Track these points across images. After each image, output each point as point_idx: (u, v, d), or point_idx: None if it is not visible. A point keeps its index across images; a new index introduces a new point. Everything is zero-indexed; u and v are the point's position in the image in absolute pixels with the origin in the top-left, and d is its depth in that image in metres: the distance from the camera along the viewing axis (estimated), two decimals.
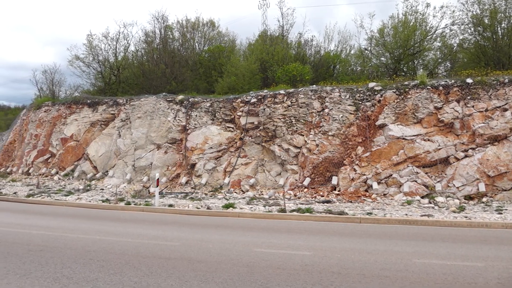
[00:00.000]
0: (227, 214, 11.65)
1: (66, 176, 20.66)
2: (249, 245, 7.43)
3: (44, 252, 6.73)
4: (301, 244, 7.58)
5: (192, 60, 30.28)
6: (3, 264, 5.92)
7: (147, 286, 4.98)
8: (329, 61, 26.83)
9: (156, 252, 6.79)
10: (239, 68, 24.52)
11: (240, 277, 5.36)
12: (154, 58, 29.67)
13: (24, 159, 23.83)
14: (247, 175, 16.37)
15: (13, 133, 27.15)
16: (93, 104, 22.99)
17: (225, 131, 18.08)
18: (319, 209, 11.76)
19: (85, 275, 5.42)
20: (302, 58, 26.09)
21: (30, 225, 9.56)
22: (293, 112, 16.76)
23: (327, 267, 5.91)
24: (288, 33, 28.55)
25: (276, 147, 16.44)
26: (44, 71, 35.83)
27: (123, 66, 31.10)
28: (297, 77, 21.99)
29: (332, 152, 15.33)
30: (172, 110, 19.76)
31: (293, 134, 16.36)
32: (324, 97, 16.70)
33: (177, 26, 31.52)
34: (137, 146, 19.47)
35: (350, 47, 28.30)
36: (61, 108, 24.16)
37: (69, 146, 21.91)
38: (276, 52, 24.77)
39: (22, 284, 5.01)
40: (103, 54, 31.11)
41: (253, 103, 17.83)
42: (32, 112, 25.92)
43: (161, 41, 30.40)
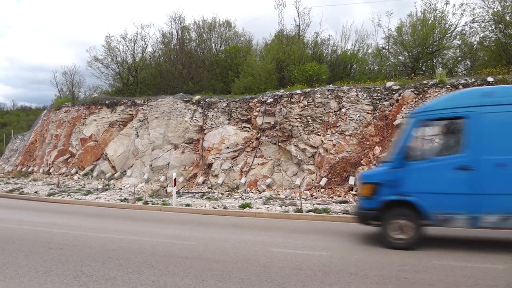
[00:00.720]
0: (244, 214, 11.66)
1: (86, 176, 21.00)
2: (266, 245, 7.43)
3: (65, 250, 6.86)
4: (318, 244, 7.54)
5: (209, 61, 30.44)
6: (25, 261, 6.05)
7: (164, 285, 5.02)
8: (346, 61, 26.64)
9: (174, 251, 6.85)
10: (256, 68, 24.55)
11: (257, 277, 5.36)
12: (171, 59, 29.95)
13: (45, 158, 24.31)
14: (263, 175, 16.37)
15: (34, 133, 27.73)
16: (112, 105, 23.31)
17: (242, 131, 18.12)
18: (336, 210, 11.68)
19: (104, 273, 5.49)
20: (318, 57, 25.98)
21: (51, 224, 9.74)
22: (309, 112, 16.69)
23: (345, 267, 5.87)
24: (305, 32, 28.49)
25: (293, 147, 16.40)
26: (64, 73, 36.58)
27: (141, 67, 31.47)
28: (313, 77, 21.90)
29: (349, 152, 15.21)
30: (189, 110, 19.89)
31: (310, 134, 16.29)
32: (341, 96, 16.59)
33: (194, 27, 31.76)
34: (154, 146, 19.67)
35: (367, 46, 28.08)
36: (80, 108, 24.58)
37: (88, 146, 22.27)
38: (292, 52, 24.72)
39: (43, 281, 5.11)
40: (121, 55, 31.56)
41: (270, 103, 17.81)
42: (53, 113, 26.43)
43: (178, 42, 30.66)
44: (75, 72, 36.03)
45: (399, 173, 7.34)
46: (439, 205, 7.04)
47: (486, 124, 7.04)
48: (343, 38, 28.48)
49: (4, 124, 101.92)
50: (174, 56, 30.13)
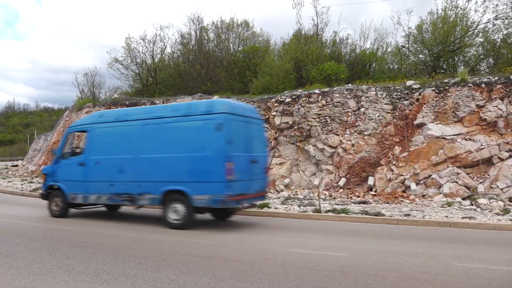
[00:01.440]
0: (262, 213, 11.67)
1: None
2: (284, 245, 7.42)
3: (86, 248, 6.99)
4: (336, 245, 7.50)
5: (227, 61, 30.57)
6: (48, 259, 6.19)
7: (183, 283, 5.06)
8: (365, 60, 26.40)
9: (192, 251, 6.90)
10: (274, 68, 24.53)
11: (275, 277, 5.36)
12: (189, 59, 30.20)
13: None
14: (281, 175, 16.35)
15: (57, 133, 28.34)
16: (131, 105, 23.62)
17: None
18: (354, 210, 11.58)
19: (125, 271, 5.58)
20: (337, 57, 25.80)
21: (73, 222, 9.94)
22: (328, 112, 16.59)
23: (364, 268, 5.82)
24: (323, 31, 28.34)
25: (311, 147, 16.33)
26: (85, 74, 37.30)
27: (160, 67, 31.82)
28: (332, 76, 21.76)
29: (368, 152, 15.06)
30: None
31: (328, 134, 16.20)
32: (360, 96, 16.44)
33: (212, 27, 31.95)
34: None
35: (386, 44, 27.76)
36: (101, 109, 24.96)
37: None
38: (310, 51, 24.61)
39: (66, 279, 5.22)
40: (141, 56, 31.99)
41: (288, 103, 17.78)
42: (74, 113, 26.97)
43: (196, 43, 30.90)
44: (96, 74, 36.69)
45: (55, 167, 11.15)
46: (71, 188, 10.52)
47: (95, 135, 10.49)
48: (362, 37, 28.21)
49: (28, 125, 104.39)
50: (192, 56, 30.38)
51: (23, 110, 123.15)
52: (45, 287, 4.90)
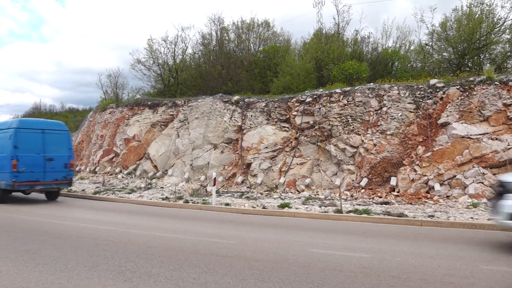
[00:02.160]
0: (283, 213, 11.65)
1: (129, 175, 21.68)
2: (305, 245, 7.39)
3: (110, 246, 7.11)
4: (358, 246, 7.42)
5: (248, 61, 30.61)
6: (74, 256, 6.33)
7: (205, 282, 5.10)
8: (387, 58, 26.01)
9: (214, 250, 6.94)
10: (294, 67, 24.44)
11: (296, 277, 5.34)
12: (210, 60, 30.36)
13: (91, 158, 25.33)
14: (302, 175, 16.28)
15: (81, 134, 28.94)
16: (154, 106, 23.93)
17: (280, 131, 18.10)
18: (377, 211, 11.44)
19: (147, 269, 5.65)
20: (358, 55, 25.51)
21: (97, 221, 10.14)
22: (349, 111, 16.44)
23: (386, 270, 5.74)
24: (344, 30, 28.04)
25: (332, 146, 16.21)
26: (109, 75, 37.79)
27: (181, 68, 32.08)
28: (353, 75, 21.53)
29: (390, 152, 14.85)
30: (228, 110, 20.10)
31: (350, 134, 16.04)
32: (382, 95, 16.22)
33: (233, 28, 32.01)
34: (194, 146, 20.02)
35: (409, 42, 27.26)
36: (124, 110, 25.40)
37: (132, 146, 22.98)
38: (331, 51, 24.41)
39: (91, 276, 5.33)
40: (163, 57, 32.29)
41: (308, 103, 17.69)
42: (98, 114, 27.48)
43: (217, 43, 31.03)
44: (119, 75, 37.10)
45: None
46: None
47: None
48: (384, 35, 27.73)
49: None
50: (213, 57, 30.53)
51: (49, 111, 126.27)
52: (71, 284, 5.01)
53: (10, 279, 5.20)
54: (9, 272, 5.47)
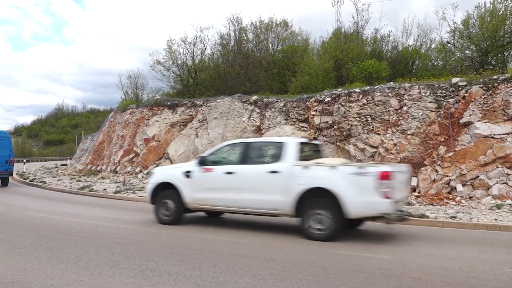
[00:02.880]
0: None
1: (149, 174, 21.91)
2: (323, 245, 7.33)
3: (130, 245, 7.21)
4: (378, 247, 7.34)
5: (266, 61, 30.62)
6: (95, 255, 6.44)
7: (224, 282, 5.12)
8: (407, 57, 25.66)
9: (232, 249, 6.97)
10: (313, 67, 24.33)
11: (315, 278, 5.32)
12: (229, 60, 30.49)
13: (111, 158, 25.73)
14: None
15: (103, 134, 29.43)
16: (173, 106, 24.16)
17: (299, 131, 18.04)
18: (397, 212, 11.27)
19: (167, 268, 5.71)
20: (378, 54, 25.23)
21: (118, 220, 10.29)
22: (369, 111, 16.26)
23: (407, 272, 5.66)
24: (363, 29, 27.80)
25: (351, 146, 16.07)
26: (129, 76, 38.38)
27: (200, 68, 32.30)
28: (373, 75, 21.30)
29: (411, 152, 14.63)
30: (247, 110, 20.13)
31: (369, 133, 15.87)
32: (402, 94, 16.00)
33: (251, 28, 32.08)
34: (213, 145, 20.09)
35: (430, 41, 26.83)
36: (144, 110, 25.72)
37: (151, 146, 23.25)
38: (350, 50, 24.21)
39: (112, 274, 5.41)
40: (182, 58, 32.60)
41: (327, 102, 17.59)
42: (119, 114, 27.90)
43: (235, 43, 31.14)
44: (139, 76, 37.62)
45: None
46: None
47: None
48: (404, 34, 27.35)
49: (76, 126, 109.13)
50: (232, 57, 30.65)
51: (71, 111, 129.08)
52: (93, 281, 5.10)
53: (34, 276, 5.32)
54: (33, 269, 5.60)
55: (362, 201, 7.34)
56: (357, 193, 7.34)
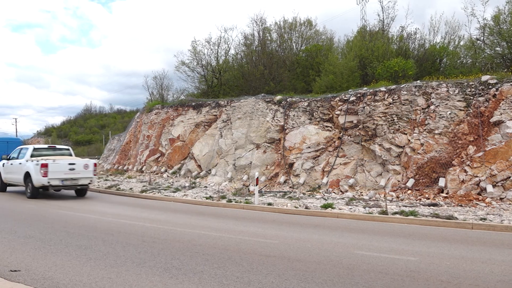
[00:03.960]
0: (326, 214, 11.53)
1: (174, 174, 22.22)
2: (349, 246, 7.27)
3: (156, 243, 7.32)
4: (405, 248, 7.21)
5: (290, 60, 30.53)
6: (123, 252, 6.57)
7: (248, 281, 5.14)
8: (434, 54, 25.10)
9: (256, 249, 6.98)
10: (337, 66, 24.11)
11: (340, 279, 5.27)
12: (253, 60, 30.55)
13: (138, 158, 26.18)
14: (346, 175, 16.03)
15: (129, 134, 29.98)
16: (197, 106, 24.40)
17: (323, 131, 17.91)
18: (424, 212, 11.06)
19: (192, 267, 5.77)
20: (404, 52, 24.78)
21: (144, 218, 10.47)
22: (395, 110, 16.00)
23: (435, 274, 5.54)
24: (389, 27, 27.36)
25: (377, 146, 15.84)
26: (155, 77, 39.00)
27: (224, 69, 32.49)
28: (399, 73, 20.95)
29: (439, 152, 14.31)
30: (271, 110, 20.13)
31: (395, 133, 15.61)
32: (429, 93, 15.66)
33: (275, 28, 32.04)
34: (237, 145, 20.20)
35: (459, 38, 26.17)
36: (169, 110, 26.07)
37: (176, 146, 23.54)
38: (376, 48, 23.88)
39: (138, 272, 5.51)
40: (206, 59, 32.87)
41: (352, 102, 17.39)
42: (145, 115, 28.37)
43: (259, 43, 31.17)
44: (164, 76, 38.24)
45: None
46: None
47: None
48: (431, 31, 26.77)
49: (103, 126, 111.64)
50: (255, 57, 30.70)
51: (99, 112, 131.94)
52: (120, 279, 5.20)
53: (64, 272, 5.47)
54: (63, 266, 5.76)
55: (37, 178, 14.14)
56: (36, 174, 14.13)
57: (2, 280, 5.08)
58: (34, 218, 10.25)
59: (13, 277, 5.25)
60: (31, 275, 5.34)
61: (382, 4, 26.92)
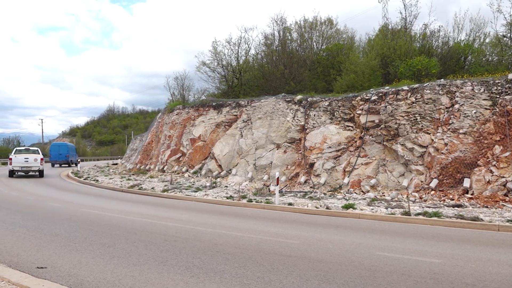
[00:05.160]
0: (347, 214, 11.42)
1: (195, 174, 22.41)
2: (371, 247, 7.19)
3: (178, 242, 7.39)
4: (428, 250, 7.08)
5: (310, 60, 30.40)
6: (145, 251, 6.66)
7: (269, 281, 5.13)
8: (459, 52, 24.61)
9: (277, 249, 6.97)
10: (358, 65, 23.89)
11: (362, 280, 5.21)
12: (273, 60, 30.54)
13: (159, 157, 26.50)
14: (367, 175, 15.85)
15: (151, 134, 30.38)
16: (218, 107, 24.53)
17: (344, 130, 17.76)
18: (448, 214, 10.84)
19: (213, 266, 5.81)
20: (427, 50, 24.39)
21: (165, 217, 10.59)
22: (417, 109, 15.73)
23: (460, 277, 5.42)
24: (412, 25, 26.97)
25: (399, 146, 15.61)
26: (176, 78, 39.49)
27: (244, 69, 32.59)
28: (422, 72, 20.62)
29: (463, 152, 14.00)
30: (291, 110, 20.08)
31: (418, 133, 15.35)
32: (453, 91, 15.34)
33: (295, 27, 31.98)
34: (257, 145, 20.23)
35: (484, 35, 25.61)
36: (190, 110, 26.30)
37: (197, 146, 23.72)
38: (398, 46, 23.56)
39: (160, 270, 5.58)
40: (226, 59, 33.05)
41: (374, 101, 17.19)
42: (166, 115, 28.70)
43: (279, 43, 31.14)
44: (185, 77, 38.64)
45: None
46: None
47: None
48: (455, 28, 26.30)
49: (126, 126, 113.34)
50: (276, 57, 30.68)
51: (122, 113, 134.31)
52: (143, 277, 5.28)
53: (89, 269, 5.59)
54: (88, 264, 5.88)
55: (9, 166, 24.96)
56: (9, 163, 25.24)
57: (29, 276, 5.22)
58: (59, 216, 10.50)
59: (40, 274, 5.39)
60: (57, 272, 5.46)
61: (405, 2, 26.55)
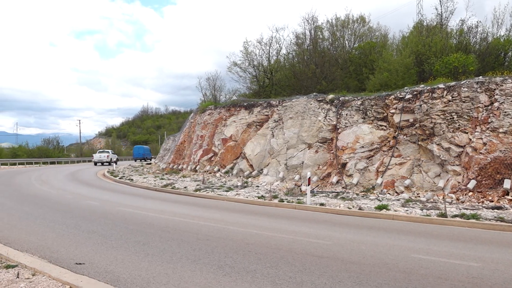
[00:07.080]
0: (380, 215, 11.21)
1: (226, 173, 22.59)
2: (405, 250, 7.03)
3: (210, 241, 7.48)
4: (466, 253, 6.85)
5: (342, 59, 30.05)
6: (178, 249, 6.78)
7: (301, 282, 5.12)
8: (498, 48, 23.69)
9: (309, 250, 6.93)
10: (392, 63, 23.41)
11: (396, 283, 5.11)
12: (304, 59, 30.38)
13: (192, 157, 26.87)
14: (401, 176, 15.50)
15: (183, 134, 30.85)
16: (249, 107, 24.63)
17: (377, 130, 17.44)
18: (487, 216, 10.45)
19: (245, 265, 5.84)
20: (465, 47, 23.61)
21: (198, 217, 10.73)
22: (454, 108, 15.25)
23: (500, 282, 5.22)
24: (448, 21, 26.19)
25: (435, 146, 15.18)
26: (207, 78, 39.95)
27: (276, 69, 32.58)
28: (459, 69, 19.97)
29: (503, 152, 13.46)
30: (323, 109, 19.90)
31: (455, 132, 14.88)
32: (493, 89, 14.78)
33: (327, 26, 31.68)
34: (289, 145, 20.17)
35: None
36: (221, 111, 26.53)
37: (229, 146, 23.91)
38: (433, 43, 22.92)
39: (193, 268, 5.66)
40: (258, 59, 33.15)
41: (408, 100, 16.79)
42: (198, 116, 29.07)
43: (311, 42, 30.94)
44: (217, 78, 39.06)
45: None
46: None
47: None
48: (494, 24, 25.32)
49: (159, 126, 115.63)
50: (307, 56, 30.50)
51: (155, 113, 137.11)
52: (176, 275, 5.37)
53: (124, 266, 5.74)
54: (123, 261, 6.05)
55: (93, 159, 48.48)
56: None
57: (68, 272, 5.42)
58: (96, 214, 10.83)
59: (78, 269, 5.58)
60: (94, 268, 5.64)
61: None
